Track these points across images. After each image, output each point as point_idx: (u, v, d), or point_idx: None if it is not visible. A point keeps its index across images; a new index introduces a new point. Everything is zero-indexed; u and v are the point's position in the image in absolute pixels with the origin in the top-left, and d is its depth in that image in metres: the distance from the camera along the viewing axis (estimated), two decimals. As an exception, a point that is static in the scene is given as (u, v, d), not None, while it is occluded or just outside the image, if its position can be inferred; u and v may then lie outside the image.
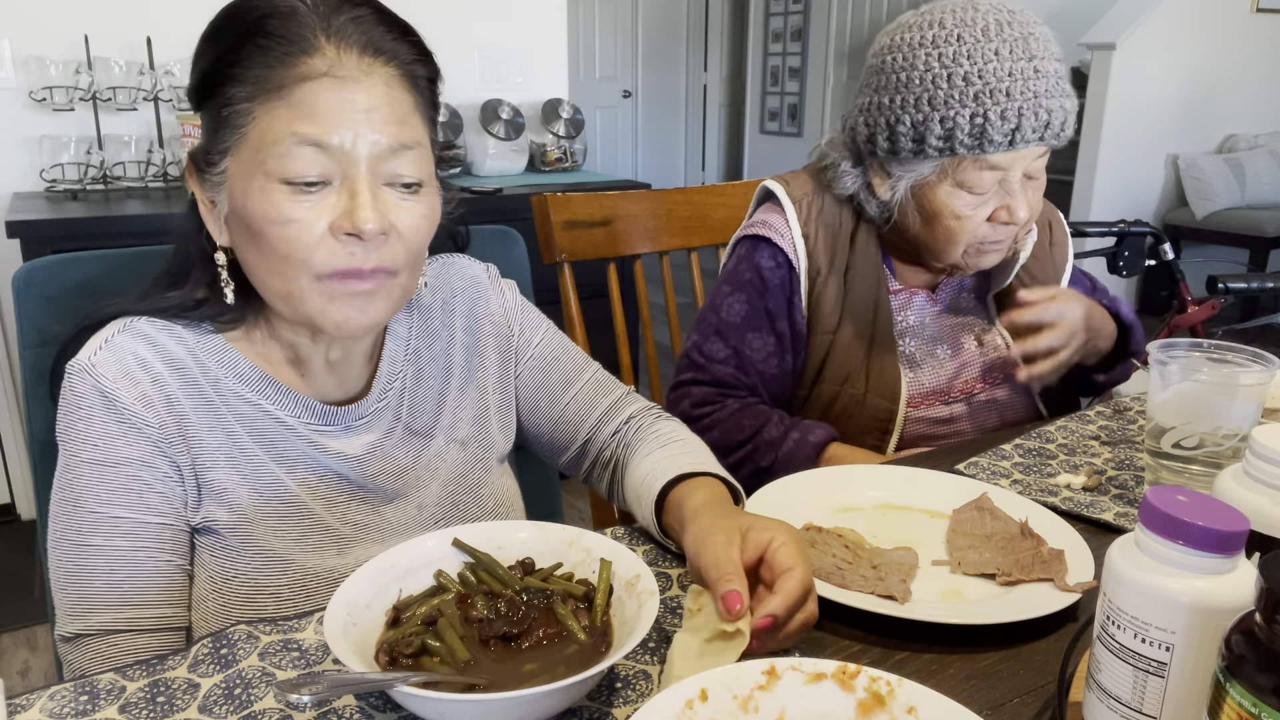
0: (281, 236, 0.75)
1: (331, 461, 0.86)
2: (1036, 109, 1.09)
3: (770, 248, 1.25)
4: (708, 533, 0.72)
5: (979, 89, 1.09)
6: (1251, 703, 0.44)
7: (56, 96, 2.51)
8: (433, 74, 0.82)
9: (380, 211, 0.75)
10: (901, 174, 1.18)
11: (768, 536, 0.70)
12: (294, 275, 0.76)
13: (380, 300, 0.79)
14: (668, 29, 7.19)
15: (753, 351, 1.27)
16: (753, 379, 1.28)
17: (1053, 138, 1.12)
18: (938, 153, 1.13)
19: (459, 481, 0.94)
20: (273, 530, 0.84)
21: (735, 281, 1.28)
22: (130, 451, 0.80)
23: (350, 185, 0.75)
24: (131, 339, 0.81)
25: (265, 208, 0.74)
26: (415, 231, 0.79)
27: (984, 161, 1.12)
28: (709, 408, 1.27)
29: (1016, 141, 1.10)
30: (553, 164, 3.28)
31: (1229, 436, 0.90)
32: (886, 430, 1.25)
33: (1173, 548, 0.53)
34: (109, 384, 0.79)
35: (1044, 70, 1.10)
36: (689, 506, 0.80)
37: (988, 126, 1.09)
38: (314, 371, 0.87)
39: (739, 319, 1.27)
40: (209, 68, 0.77)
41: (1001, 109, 1.09)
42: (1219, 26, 4.82)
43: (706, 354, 1.29)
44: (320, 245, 0.75)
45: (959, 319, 1.31)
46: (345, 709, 0.64)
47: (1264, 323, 3.04)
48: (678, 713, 0.56)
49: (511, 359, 1.01)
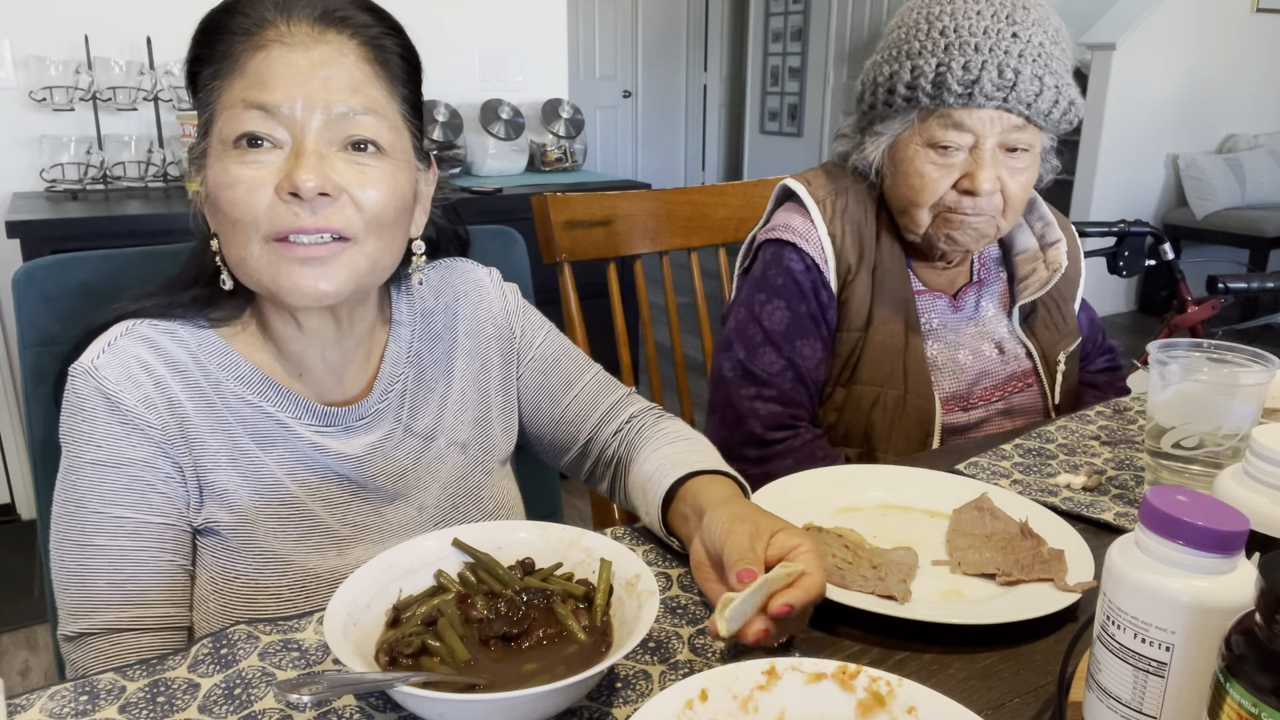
0: (230, 200, 0.76)
1: (332, 462, 0.86)
2: (1002, 67, 1.09)
3: (796, 251, 1.23)
4: (735, 520, 0.72)
5: (950, 40, 1.11)
6: (1251, 703, 0.44)
7: (56, 96, 2.51)
8: (406, 51, 0.83)
9: (323, 173, 0.76)
10: (882, 131, 1.20)
11: (795, 542, 0.70)
12: (244, 240, 0.77)
13: (338, 267, 0.78)
14: (668, 29, 7.19)
15: (804, 360, 1.23)
16: (811, 389, 1.24)
17: (1020, 104, 1.11)
18: (905, 102, 1.15)
19: (459, 484, 0.94)
20: (273, 531, 0.84)
21: (769, 287, 1.24)
22: (133, 452, 0.80)
23: (297, 147, 0.76)
24: (134, 342, 0.82)
25: (219, 174, 0.77)
26: (374, 200, 0.79)
27: (949, 118, 1.13)
28: (784, 433, 1.22)
29: (976, 95, 1.10)
30: (553, 164, 3.28)
31: (1229, 436, 0.90)
32: (928, 432, 1.23)
33: (1173, 548, 0.53)
34: (112, 386, 0.79)
35: (1024, 37, 1.10)
36: (706, 496, 0.80)
37: (948, 76, 1.10)
38: (313, 372, 0.88)
39: (784, 326, 1.23)
40: (190, 57, 0.81)
41: (966, 60, 1.10)
42: (1219, 26, 4.82)
43: (765, 368, 1.23)
44: (268, 208, 0.76)
45: (980, 327, 1.30)
46: (345, 709, 0.64)
47: (1264, 323, 3.04)
48: (678, 713, 0.56)
49: (513, 360, 1.01)
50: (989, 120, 1.12)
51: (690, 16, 7.27)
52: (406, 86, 0.83)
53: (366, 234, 0.79)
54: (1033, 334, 1.32)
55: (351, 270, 0.79)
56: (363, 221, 0.79)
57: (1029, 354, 1.31)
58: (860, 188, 1.27)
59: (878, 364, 1.23)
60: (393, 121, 0.81)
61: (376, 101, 0.79)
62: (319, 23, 0.78)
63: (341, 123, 0.77)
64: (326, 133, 0.77)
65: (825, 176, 1.29)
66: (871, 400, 1.23)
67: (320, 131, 0.76)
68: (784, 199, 1.31)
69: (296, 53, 0.76)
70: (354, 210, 0.78)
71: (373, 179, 0.79)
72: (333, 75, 0.77)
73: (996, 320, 1.31)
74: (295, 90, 0.75)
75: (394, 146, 0.81)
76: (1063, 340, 1.33)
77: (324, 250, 0.77)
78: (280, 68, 0.76)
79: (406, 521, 0.90)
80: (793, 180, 1.28)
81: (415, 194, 0.86)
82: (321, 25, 0.78)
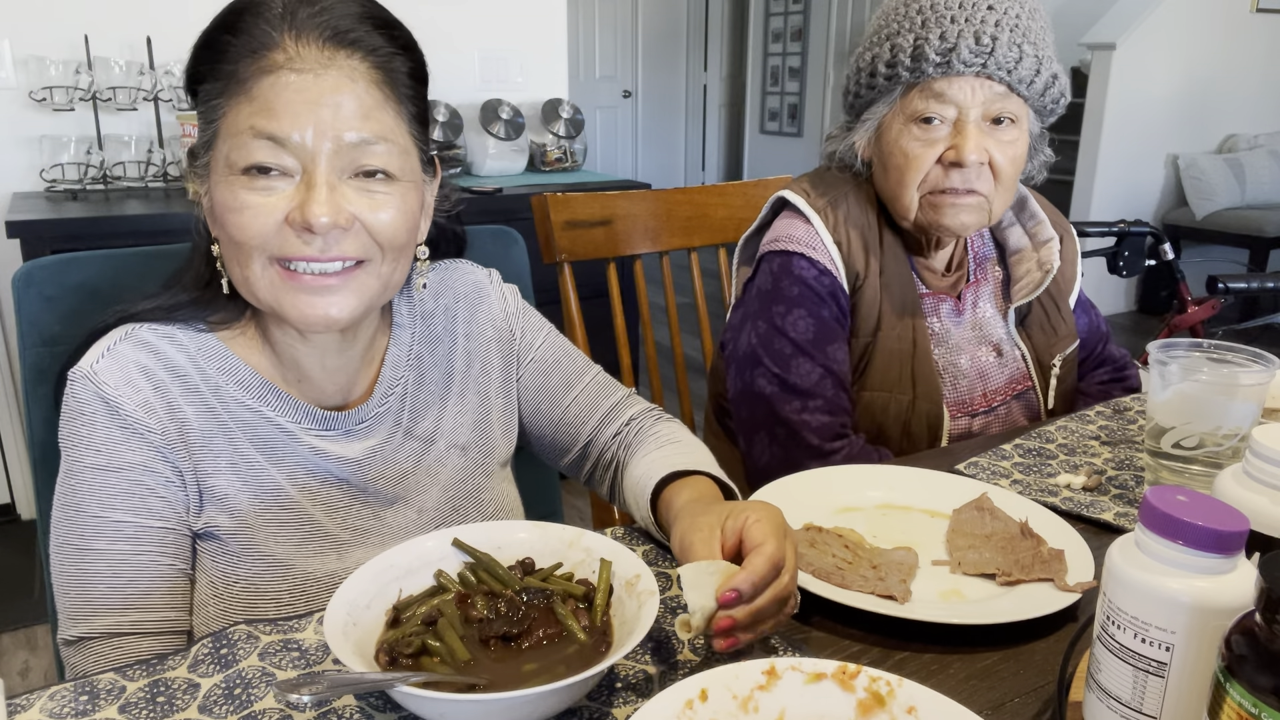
0: (237, 223, 0.75)
1: (331, 466, 0.86)
2: (979, 34, 1.10)
3: (805, 259, 1.21)
4: (689, 531, 0.72)
5: (926, 16, 1.13)
6: (1251, 703, 0.44)
7: (56, 96, 2.51)
8: (416, 68, 0.82)
9: (337, 205, 0.75)
10: (868, 118, 1.21)
11: (742, 519, 0.70)
12: (248, 260, 0.77)
13: (348, 294, 0.78)
14: (668, 29, 7.19)
15: (838, 365, 1.20)
16: (850, 394, 1.22)
17: (1000, 70, 1.11)
18: (887, 81, 1.16)
19: (459, 487, 0.94)
20: (273, 535, 0.84)
21: (785, 298, 1.21)
22: (132, 456, 0.80)
23: (309, 178, 0.75)
24: (133, 347, 0.82)
25: (226, 197, 0.76)
26: (386, 225, 0.78)
27: (930, 89, 1.13)
28: (839, 442, 1.18)
29: (954, 63, 1.10)
30: (553, 164, 3.28)
31: (1229, 436, 0.90)
32: (937, 436, 1.23)
33: (1173, 548, 0.53)
34: (111, 391, 0.79)
35: (999, 8, 1.11)
36: (675, 506, 0.81)
37: (925, 46, 1.11)
38: (312, 378, 0.87)
39: (812, 334, 1.19)
40: (191, 65, 0.79)
41: (942, 30, 1.11)
42: (1219, 26, 4.82)
43: (803, 378, 1.19)
44: (276, 234, 0.75)
45: (978, 330, 1.29)
46: (345, 709, 0.64)
47: (1264, 323, 3.04)
48: (678, 713, 0.56)
49: (513, 362, 1.01)
50: (970, 89, 1.12)
51: (690, 16, 7.27)
52: (414, 103, 0.82)
53: (381, 258, 0.80)
54: (1028, 336, 1.31)
55: (363, 295, 0.80)
56: (377, 246, 0.79)
57: (1024, 357, 1.30)
58: (858, 194, 1.25)
59: (886, 370, 1.21)
60: (402, 145, 0.80)
61: (386, 127, 0.78)
62: (330, 44, 0.75)
63: (352, 152, 0.76)
64: (337, 161, 0.76)
65: (820, 184, 1.27)
66: (881, 406, 1.22)
67: (330, 160, 0.75)
68: (780, 208, 1.29)
69: (306, 78, 0.74)
70: (366, 237, 0.78)
71: (383, 204, 0.78)
72: (343, 103, 0.75)
73: (993, 323, 1.30)
74: (305, 119, 0.74)
75: (403, 170, 0.80)
76: (1059, 343, 1.31)
77: (333, 279, 0.77)
78: (289, 94, 0.74)
79: (406, 524, 0.90)
80: (790, 192, 1.26)
81: (423, 208, 0.85)
82: (332, 47, 0.75)
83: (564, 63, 3.37)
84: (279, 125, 0.74)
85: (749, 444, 1.25)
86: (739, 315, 1.29)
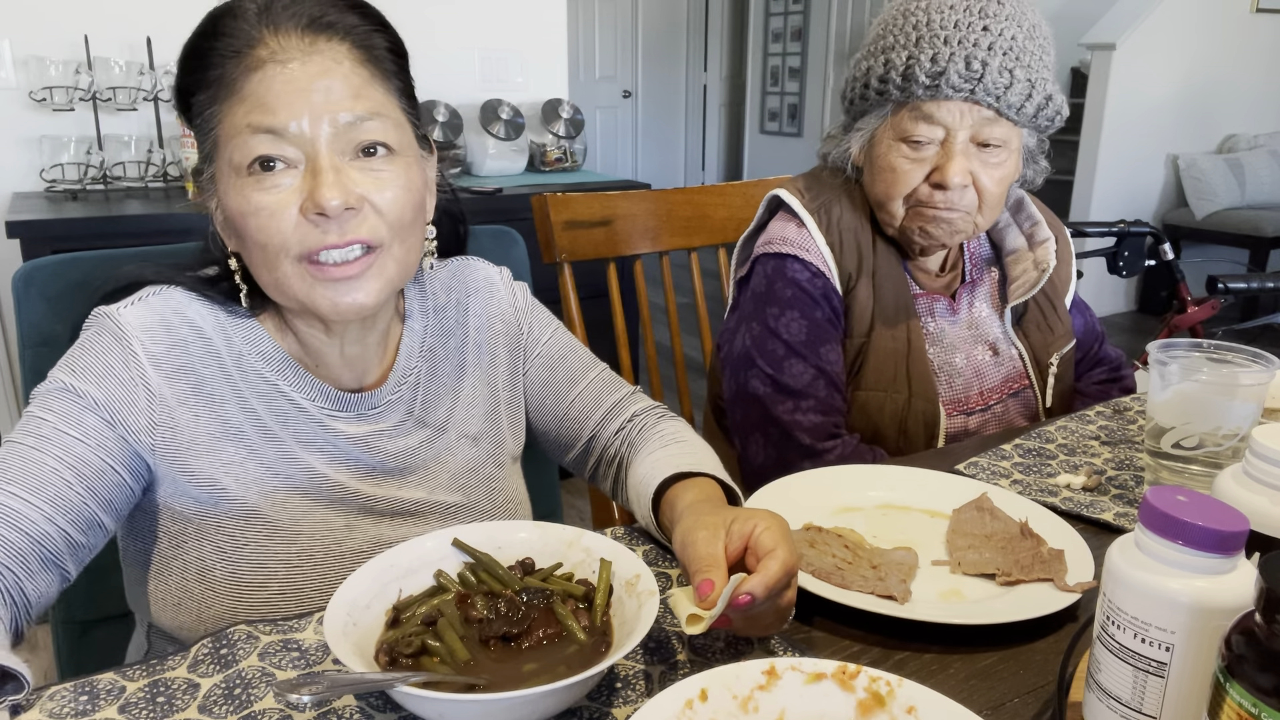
0: (257, 226, 0.76)
1: (341, 443, 0.88)
2: (969, 59, 1.10)
3: (798, 261, 1.22)
4: (692, 529, 0.72)
5: (921, 34, 1.13)
6: (1251, 703, 0.44)
7: (56, 96, 2.51)
8: (394, 44, 0.83)
9: (345, 187, 0.76)
10: (861, 127, 1.22)
11: (750, 525, 0.70)
12: (275, 262, 0.78)
13: (370, 279, 0.80)
14: (668, 29, 7.19)
15: (830, 365, 1.21)
16: (843, 394, 1.23)
17: (988, 96, 1.11)
18: (879, 96, 1.16)
19: (470, 475, 0.95)
20: (281, 503, 0.85)
21: (778, 301, 1.22)
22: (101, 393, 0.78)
23: (313, 165, 0.76)
24: (163, 302, 0.83)
25: (238, 202, 0.77)
26: (392, 203, 0.79)
27: (919, 110, 1.14)
28: (832, 442, 1.19)
29: (943, 87, 1.11)
30: (553, 164, 3.28)
31: (1229, 436, 0.90)
32: (933, 434, 1.23)
33: (1172, 548, 0.53)
34: (129, 330, 0.80)
35: (995, 30, 1.11)
36: (679, 506, 0.81)
37: (916, 68, 1.12)
38: (330, 365, 0.89)
39: (805, 335, 1.21)
40: (180, 79, 0.80)
41: (934, 52, 1.11)
42: (1219, 26, 4.82)
43: (796, 379, 1.20)
44: (296, 229, 0.76)
45: (974, 329, 1.30)
46: (345, 709, 0.64)
47: (1264, 323, 3.04)
48: (678, 713, 0.56)
49: (520, 356, 1.02)
50: (959, 113, 1.12)
51: (690, 16, 7.27)
52: (399, 79, 0.83)
53: (392, 239, 0.80)
54: (1025, 336, 1.31)
55: (383, 278, 0.81)
56: (386, 227, 0.80)
57: (1021, 356, 1.31)
58: (851, 196, 1.26)
59: (881, 369, 1.22)
60: (396, 119, 0.81)
61: (378, 103, 0.79)
62: (308, 31, 0.77)
63: (349, 131, 0.77)
64: (337, 143, 0.77)
65: (814, 186, 1.28)
66: (877, 405, 1.22)
67: (330, 143, 0.76)
68: (775, 208, 1.30)
69: (292, 68, 0.75)
70: (377, 218, 0.79)
71: (388, 182, 0.79)
72: (333, 85, 0.76)
73: (989, 322, 1.31)
74: (299, 107, 0.75)
75: (401, 144, 0.81)
76: (1056, 342, 1.32)
77: (355, 268, 0.78)
78: (279, 86, 0.75)
79: (416, 501, 0.91)
80: (784, 192, 1.27)
81: (425, 183, 0.87)
82: (311, 33, 0.77)
83: (564, 63, 3.37)
84: (275, 118, 0.75)
85: (744, 444, 1.26)
86: (734, 318, 1.30)
